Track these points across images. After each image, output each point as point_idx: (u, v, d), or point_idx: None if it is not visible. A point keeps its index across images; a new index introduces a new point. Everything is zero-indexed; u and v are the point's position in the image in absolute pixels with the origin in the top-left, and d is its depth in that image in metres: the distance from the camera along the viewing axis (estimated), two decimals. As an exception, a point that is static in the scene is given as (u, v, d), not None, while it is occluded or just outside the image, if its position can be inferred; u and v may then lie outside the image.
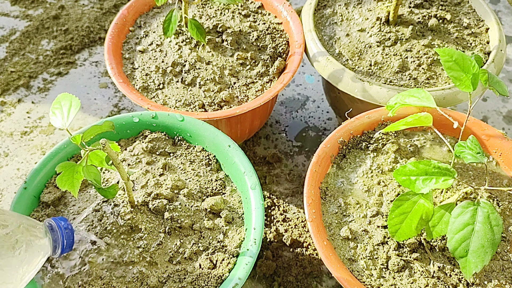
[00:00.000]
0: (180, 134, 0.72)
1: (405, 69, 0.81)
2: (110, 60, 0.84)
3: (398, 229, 0.56)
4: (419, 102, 0.62)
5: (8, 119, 1.07)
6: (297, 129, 1.05)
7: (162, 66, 0.85)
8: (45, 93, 1.12)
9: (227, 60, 0.85)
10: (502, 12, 1.31)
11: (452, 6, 0.89)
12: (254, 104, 0.78)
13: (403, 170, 0.54)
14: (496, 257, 0.59)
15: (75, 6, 1.31)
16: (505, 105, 1.10)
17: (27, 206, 0.63)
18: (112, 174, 0.68)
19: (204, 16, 0.90)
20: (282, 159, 0.99)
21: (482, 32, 0.86)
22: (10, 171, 0.98)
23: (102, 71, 1.17)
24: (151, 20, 0.93)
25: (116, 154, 0.52)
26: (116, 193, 0.56)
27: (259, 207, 0.62)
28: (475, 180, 0.67)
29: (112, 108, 1.09)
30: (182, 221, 0.62)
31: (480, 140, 0.70)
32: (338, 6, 0.92)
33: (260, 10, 0.94)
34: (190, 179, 0.67)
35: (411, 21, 0.85)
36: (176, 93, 0.82)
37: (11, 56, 1.19)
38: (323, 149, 0.68)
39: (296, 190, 0.94)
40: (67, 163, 0.52)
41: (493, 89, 0.58)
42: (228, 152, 0.68)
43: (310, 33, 0.86)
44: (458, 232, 0.51)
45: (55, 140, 1.03)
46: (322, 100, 1.11)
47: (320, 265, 0.82)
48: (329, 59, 0.82)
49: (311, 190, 0.64)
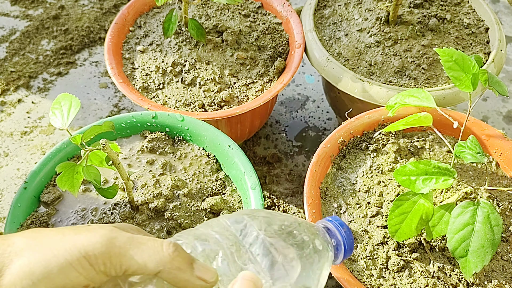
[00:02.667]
0: (180, 134, 0.72)
1: (405, 69, 0.81)
2: (110, 60, 0.84)
3: (398, 229, 0.56)
4: (419, 102, 0.62)
5: (8, 119, 1.07)
6: (297, 129, 1.05)
7: (162, 66, 0.85)
8: (45, 93, 1.12)
9: (227, 60, 0.85)
10: (502, 12, 1.31)
11: (452, 6, 0.89)
12: (254, 104, 0.78)
13: (403, 170, 0.54)
14: (496, 257, 0.59)
15: (75, 6, 1.31)
16: (505, 105, 1.10)
17: (27, 206, 0.63)
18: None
19: (204, 16, 0.90)
20: (282, 159, 0.99)
21: (482, 32, 0.86)
22: (10, 171, 0.98)
23: (102, 71, 1.17)
24: (151, 20, 0.93)
25: (116, 154, 0.52)
26: (116, 193, 0.56)
27: (259, 207, 0.62)
28: (475, 180, 0.67)
29: (112, 108, 1.09)
30: (182, 221, 0.62)
31: (480, 140, 0.70)
32: (338, 6, 0.92)
33: (260, 10, 0.94)
34: (190, 179, 0.67)
35: (411, 21, 0.85)
36: (176, 93, 0.82)
37: (11, 56, 1.19)
38: (323, 149, 0.68)
39: (296, 190, 0.94)
40: (67, 163, 0.52)
41: (493, 89, 0.58)
42: (228, 152, 0.68)
43: (310, 33, 0.86)
44: (458, 232, 0.51)
45: (55, 140, 1.03)
46: (322, 100, 1.11)
47: (320, 265, 0.82)
48: (329, 59, 0.82)
49: (311, 190, 0.64)
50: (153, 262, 0.33)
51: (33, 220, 0.62)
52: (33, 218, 0.62)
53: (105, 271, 0.33)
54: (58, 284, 0.32)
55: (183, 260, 0.34)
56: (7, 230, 0.60)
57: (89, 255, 0.32)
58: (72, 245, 0.32)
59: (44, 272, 0.31)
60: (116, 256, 0.33)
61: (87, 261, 0.32)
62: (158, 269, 0.33)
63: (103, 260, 0.32)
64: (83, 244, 0.33)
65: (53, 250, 0.32)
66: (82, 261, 0.32)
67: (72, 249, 0.32)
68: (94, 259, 0.32)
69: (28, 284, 0.31)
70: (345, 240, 0.45)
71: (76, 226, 0.38)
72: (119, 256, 0.33)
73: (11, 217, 0.61)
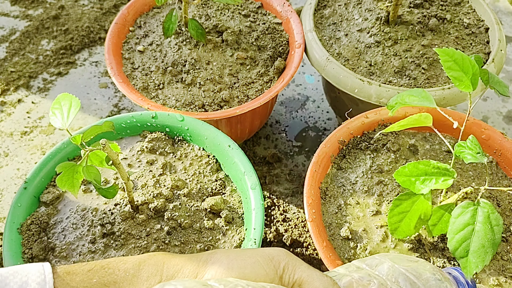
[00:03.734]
0: (180, 134, 0.72)
1: (405, 69, 0.81)
2: (110, 60, 0.84)
3: (398, 227, 0.56)
4: (419, 102, 0.61)
5: (8, 119, 1.07)
6: (297, 129, 1.05)
7: (162, 66, 0.85)
8: (45, 93, 1.12)
9: (227, 60, 0.85)
10: (502, 12, 1.31)
11: (452, 6, 0.89)
12: (254, 104, 0.78)
13: (403, 171, 0.54)
14: (496, 257, 0.59)
15: (75, 6, 1.31)
16: (505, 105, 1.10)
17: (27, 206, 0.63)
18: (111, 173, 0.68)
19: (204, 16, 0.90)
20: (282, 159, 0.99)
21: (482, 32, 0.86)
22: (10, 171, 0.98)
23: (102, 71, 1.17)
24: (151, 20, 0.93)
25: (116, 154, 0.52)
26: (116, 193, 0.56)
27: (259, 207, 0.62)
28: (475, 180, 0.67)
29: (112, 108, 1.09)
30: (182, 221, 0.62)
31: (480, 140, 0.70)
32: (338, 6, 0.92)
33: (260, 10, 0.94)
34: (190, 179, 0.67)
35: (411, 21, 0.85)
36: (176, 93, 0.82)
37: (11, 56, 1.19)
38: (323, 149, 0.68)
39: (296, 190, 0.94)
40: (67, 163, 0.52)
41: (494, 89, 0.58)
42: (228, 152, 0.68)
43: (310, 33, 0.86)
44: (459, 232, 0.51)
45: (55, 140, 1.04)
46: (322, 100, 1.11)
47: (320, 265, 0.82)
48: (329, 59, 0.82)
49: (311, 190, 0.64)
50: (319, 281, 0.41)
51: (33, 220, 0.62)
52: (33, 218, 0.62)
53: (282, 276, 0.42)
54: (249, 279, 0.40)
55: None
56: (7, 230, 0.60)
57: (275, 259, 0.42)
58: (261, 252, 0.43)
59: (240, 267, 0.41)
60: (293, 266, 0.42)
61: (272, 264, 0.42)
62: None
63: (283, 266, 0.42)
64: (270, 252, 0.43)
65: (247, 254, 0.43)
66: (269, 262, 0.42)
67: (262, 253, 0.43)
68: (277, 263, 0.42)
69: (227, 277, 0.40)
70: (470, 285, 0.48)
71: None
72: (295, 266, 0.42)
73: (11, 217, 0.61)
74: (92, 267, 0.42)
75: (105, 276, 0.41)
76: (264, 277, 0.41)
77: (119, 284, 0.41)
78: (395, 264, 0.45)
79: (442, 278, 0.45)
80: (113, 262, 0.43)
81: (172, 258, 0.43)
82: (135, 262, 0.43)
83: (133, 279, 0.41)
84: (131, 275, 0.41)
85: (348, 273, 0.44)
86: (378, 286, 0.42)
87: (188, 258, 0.43)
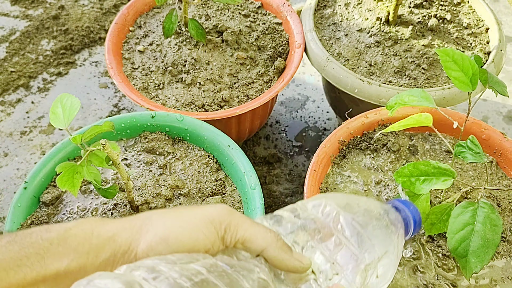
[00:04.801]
0: (180, 134, 0.72)
1: (405, 69, 0.81)
2: (110, 60, 0.84)
3: (398, 229, 0.56)
4: (419, 102, 0.61)
5: (7, 119, 1.07)
6: (297, 129, 1.05)
7: (162, 66, 0.85)
8: (45, 93, 1.12)
9: (227, 60, 0.85)
10: (502, 12, 1.31)
11: (452, 6, 0.89)
12: (254, 104, 0.78)
13: (403, 171, 0.54)
14: (496, 257, 0.59)
15: (75, 6, 1.31)
16: (505, 105, 1.10)
17: (27, 206, 0.63)
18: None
19: (204, 16, 0.90)
20: (282, 159, 0.99)
21: (482, 32, 0.86)
22: (10, 171, 0.98)
23: (102, 71, 1.17)
24: (151, 20, 0.93)
25: (116, 154, 0.52)
26: (116, 193, 0.56)
27: (259, 207, 0.62)
28: (475, 180, 0.67)
29: (112, 108, 1.09)
30: (182, 221, 0.62)
31: (480, 140, 0.70)
32: (338, 6, 0.92)
33: (260, 10, 0.94)
34: (190, 179, 0.67)
35: (411, 21, 0.85)
36: (176, 93, 0.82)
37: (11, 56, 1.19)
38: (323, 149, 0.68)
39: (296, 190, 0.94)
40: (67, 163, 0.52)
41: (493, 89, 0.58)
42: (228, 152, 0.68)
43: (310, 33, 0.86)
44: (458, 232, 0.51)
45: (55, 140, 1.04)
46: (322, 100, 1.11)
47: (320, 265, 0.82)
48: (329, 59, 0.82)
49: (311, 190, 0.64)
50: (262, 239, 0.38)
51: (33, 220, 0.62)
52: (33, 218, 0.62)
53: (224, 236, 0.38)
54: (188, 247, 0.37)
55: (284, 243, 0.39)
56: (7, 230, 0.60)
57: (215, 221, 0.38)
58: (201, 214, 0.39)
59: (177, 236, 0.37)
60: (235, 226, 0.38)
61: (213, 226, 0.38)
62: (264, 246, 0.38)
63: (225, 226, 0.38)
64: (210, 212, 0.39)
65: (185, 218, 0.38)
66: (209, 225, 0.38)
67: (201, 216, 0.38)
68: (218, 224, 0.38)
69: (163, 248, 0.36)
70: (414, 215, 0.47)
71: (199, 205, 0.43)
72: (237, 226, 0.38)
73: (11, 217, 0.61)
74: (12, 238, 0.37)
75: (26, 247, 0.36)
76: (204, 242, 0.37)
77: (42, 255, 0.36)
78: (342, 211, 0.43)
79: (388, 222, 0.44)
80: (36, 231, 0.38)
81: (103, 225, 0.38)
82: (59, 230, 0.38)
83: (58, 248, 0.36)
84: (56, 244, 0.37)
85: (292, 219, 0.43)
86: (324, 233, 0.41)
87: (121, 225, 0.39)
